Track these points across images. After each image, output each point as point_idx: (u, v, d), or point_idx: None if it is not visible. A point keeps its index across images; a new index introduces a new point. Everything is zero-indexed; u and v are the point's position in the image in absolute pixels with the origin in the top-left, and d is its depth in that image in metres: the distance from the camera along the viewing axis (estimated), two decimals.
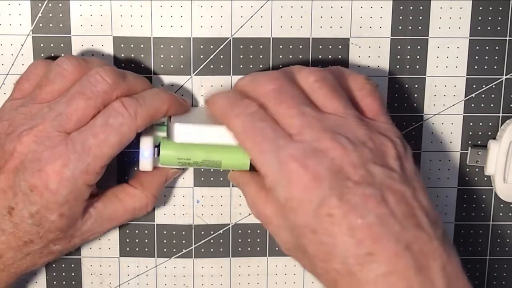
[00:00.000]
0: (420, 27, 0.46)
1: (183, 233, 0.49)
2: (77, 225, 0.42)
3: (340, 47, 0.46)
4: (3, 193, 0.40)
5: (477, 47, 0.46)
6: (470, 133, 0.47)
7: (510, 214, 0.49)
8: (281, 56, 0.46)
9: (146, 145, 0.43)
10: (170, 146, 0.43)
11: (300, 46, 0.46)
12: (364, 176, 0.37)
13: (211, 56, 0.46)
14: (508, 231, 0.49)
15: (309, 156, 0.37)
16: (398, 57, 0.46)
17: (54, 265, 0.49)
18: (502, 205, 0.49)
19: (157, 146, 0.43)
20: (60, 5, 0.45)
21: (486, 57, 0.46)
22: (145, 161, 0.43)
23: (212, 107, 0.42)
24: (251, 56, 0.46)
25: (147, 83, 0.44)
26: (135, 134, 0.41)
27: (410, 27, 0.46)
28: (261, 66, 0.46)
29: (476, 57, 0.46)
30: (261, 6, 0.45)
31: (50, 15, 0.45)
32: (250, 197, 0.43)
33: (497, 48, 0.46)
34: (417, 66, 0.46)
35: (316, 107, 0.40)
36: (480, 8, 0.46)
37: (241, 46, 0.46)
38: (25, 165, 0.39)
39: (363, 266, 0.36)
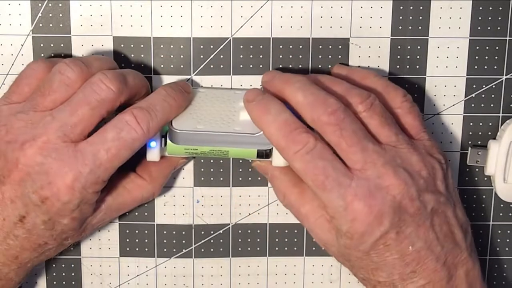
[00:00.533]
0: (420, 27, 0.46)
1: (183, 233, 0.49)
2: (88, 220, 0.43)
3: (340, 47, 0.46)
4: (11, 202, 0.40)
5: (477, 47, 0.46)
6: (470, 133, 0.47)
7: (510, 214, 0.49)
8: (281, 56, 0.46)
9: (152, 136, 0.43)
10: None
11: (300, 46, 0.46)
12: (418, 207, 0.40)
13: (211, 56, 0.46)
14: (508, 231, 0.49)
15: (373, 194, 0.39)
16: (398, 57, 0.46)
17: (54, 265, 0.49)
18: (502, 205, 0.49)
19: (163, 136, 0.43)
20: (60, 5, 0.45)
21: (486, 57, 0.46)
22: (153, 151, 0.43)
23: (262, 128, 0.41)
24: (251, 56, 0.46)
25: (144, 81, 0.44)
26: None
27: (410, 27, 0.46)
28: (261, 66, 0.46)
29: (476, 57, 0.46)
30: (261, 6, 0.45)
31: (50, 15, 0.45)
32: (282, 191, 0.44)
33: (497, 48, 0.46)
34: (417, 66, 0.46)
35: (372, 137, 0.40)
36: (480, 8, 0.46)
37: (241, 46, 0.46)
38: (32, 177, 0.39)
39: (405, 281, 0.40)
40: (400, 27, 0.46)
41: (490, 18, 0.46)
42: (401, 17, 0.46)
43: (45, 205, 0.39)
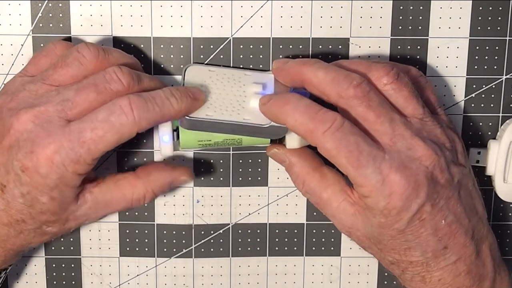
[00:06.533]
0: (420, 27, 0.46)
1: (183, 233, 0.49)
2: (71, 209, 0.42)
3: (340, 47, 0.46)
4: None
5: (477, 47, 0.46)
6: (470, 133, 0.47)
7: (510, 214, 0.49)
8: (281, 56, 0.46)
9: (165, 131, 0.42)
10: None
11: (300, 46, 0.46)
12: (448, 178, 0.40)
13: (211, 56, 0.46)
14: (508, 231, 0.49)
15: (407, 166, 0.39)
16: (398, 57, 0.46)
17: (54, 265, 0.49)
18: (502, 205, 0.49)
19: (175, 130, 0.43)
20: (60, 5, 0.45)
21: (486, 57, 0.46)
22: (166, 146, 0.43)
23: (285, 119, 0.40)
24: (251, 56, 0.46)
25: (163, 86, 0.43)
26: (135, 134, 0.40)
27: (410, 27, 0.46)
28: (261, 66, 0.46)
29: (476, 57, 0.46)
30: (261, 6, 0.45)
31: (50, 15, 0.45)
32: (301, 177, 0.43)
33: (497, 48, 0.46)
34: (417, 66, 0.46)
35: (397, 110, 0.40)
36: (480, 8, 0.46)
37: (241, 46, 0.46)
38: (19, 144, 0.39)
39: (438, 258, 0.40)
40: (400, 27, 0.46)
41: (490, 18, 0.46)
42: (401, 17, 0.46)
43: (25, 175, 0.39)
